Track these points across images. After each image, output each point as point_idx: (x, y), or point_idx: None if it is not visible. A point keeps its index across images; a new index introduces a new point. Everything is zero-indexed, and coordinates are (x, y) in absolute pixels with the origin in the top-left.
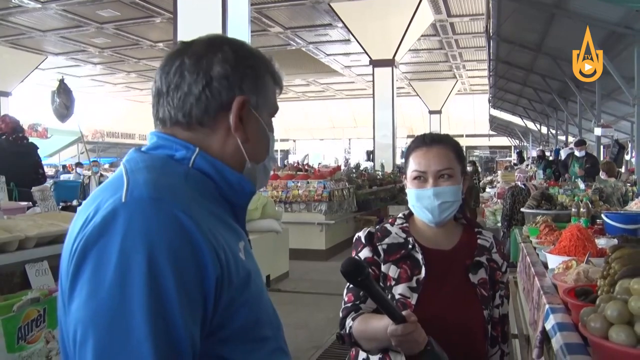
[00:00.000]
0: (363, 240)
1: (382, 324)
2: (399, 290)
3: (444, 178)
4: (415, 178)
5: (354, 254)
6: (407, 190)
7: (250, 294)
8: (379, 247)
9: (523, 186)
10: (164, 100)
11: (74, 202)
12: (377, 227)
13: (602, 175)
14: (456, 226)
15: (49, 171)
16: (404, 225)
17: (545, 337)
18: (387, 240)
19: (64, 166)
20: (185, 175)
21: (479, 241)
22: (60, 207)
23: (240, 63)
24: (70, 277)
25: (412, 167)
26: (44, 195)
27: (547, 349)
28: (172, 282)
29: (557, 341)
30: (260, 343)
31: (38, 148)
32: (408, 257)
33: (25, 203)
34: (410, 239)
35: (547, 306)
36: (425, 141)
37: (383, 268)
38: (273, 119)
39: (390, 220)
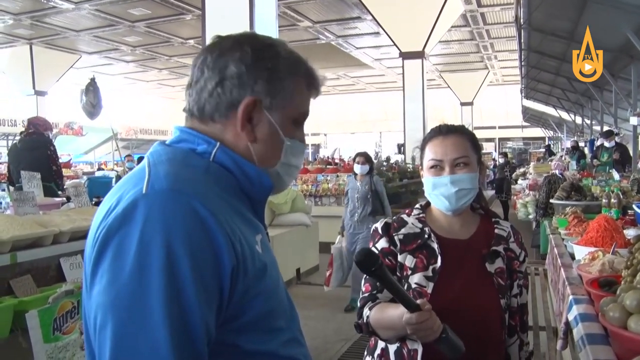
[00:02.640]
0: (380, 231)
1: (398, 312)
2: (415, 279)
3: (460, 166)
4: (432, 167)
5: (371, 245)
6: (423, 180)
7: (265, 285)
8: (395, 238)
9: (560, 175)
10: (187, 93)
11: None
12: (394, 217)
13: None
14: (473, 216)
15: (84, 168)
16: (421, 215)
17: (570, 328)
18: (403, 231)
19: (98, 164)
20: (206, 168)
21: (496, 231)
22: (93, 202)
23: (257, 64)
24: (92, 263)
25: (429, 156)
26: (77, 191)
27: (571, 340)
28: (189, 271)
29: (578, 332)
30: (274, 333)
31: (52, 143)
32: (424, 247)
33: (60, 199)
34: (427, 229)
35: (570, 297)
36: (441, 131)
37: (400, 258)
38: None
39: (407, 211)
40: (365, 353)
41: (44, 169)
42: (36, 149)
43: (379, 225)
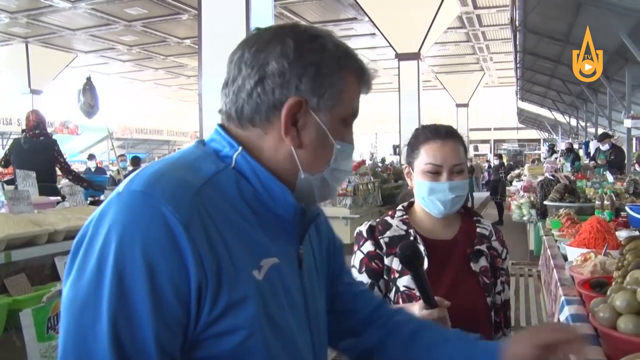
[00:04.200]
0: (365, 234)
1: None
2: (403, 282)
3: (457, 173)
4: (428, 171)
5: (356, 249)
6: (415, 182)
7: (249, 318)
8: (381, 241)
9: (552, 177)
10: (224, 91)
11: (102, 197)
12: (378, 220)
13: (637, 167)
14: (455, 215)
15: (79, 167)
16: (404, 217)
17: None
18: (388, 234)
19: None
20: (215, 174)
21: (478, 229)
22: (88, 201)
23: (301, 59)
24: (69, 259)
25: (426, 159)
26: (72, 190)
27: None
28: (143, 281)
29: None
30: None
31: (57, 144)
32: None
33: (55, 198)
34: (411, 231)
35: (562, 298)
36: (440, 134)
37: (386, 261)
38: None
39: (390, 213)
40: None
41: (50, 170)
42: (43, 152)
43: (363, 228)
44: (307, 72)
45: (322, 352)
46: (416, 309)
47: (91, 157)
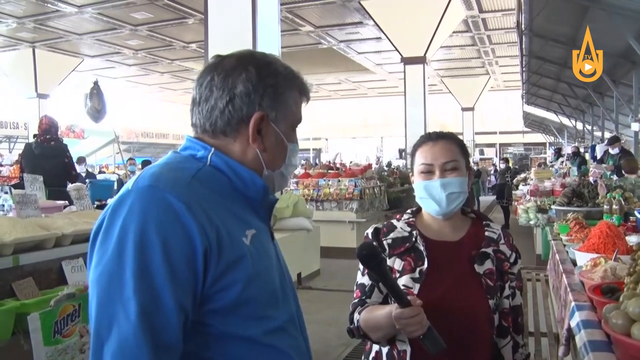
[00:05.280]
0: (370, 236)
1: (385, 312)
2: (402, 281)
3: (450, 170)
4: (422, 172)
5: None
6: (414, 185)
7: (245, 273)
8: (384, 242)
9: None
10: (196, 109)
11: (109, 201)
12: (385, 223)
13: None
14: (464, 220)
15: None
16: (410, 219)
17: (572, 335)
18: (392, 235)
19: (99, 167)
20: (197, 171)
21: (486, 233)
22: (95, 205)
23: (262, 82)
24: (89, 247)
25: (419, 161)
26: (79, 194)
27: (574, 346)
28: (160, 253)
29: (581, 338)
30: (256, 320)
31: (67, 149)
32: (412, 250)
33: (62, 202)
34: (415, 232)
35: (573, 303)
36: (431, 137)
37: (389, 262)
38: (300, 124)
39: (397, 216)
40: (363, 357)
41: (61, 176)
42: (55, 157)
43: (369, 230)
44: (267, 92)
45: (296, 300)
46: (386, 311)
47: (81, 160)
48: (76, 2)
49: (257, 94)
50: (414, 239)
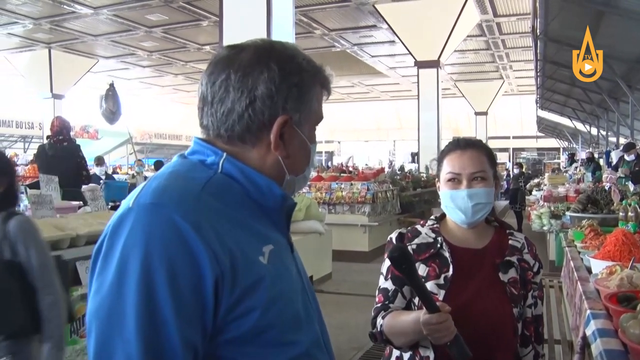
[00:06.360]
0: (394, 241)
1: (411, 317)
2: (427, 287)
3: (477, 180)
4: (449, 180)
5: (385, 256)
6: (440, 192)
7: (264, 298)
8: (409, 247)
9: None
10: (208, 110)
11: (122, 203)
12: (409, 228)
13: None
14: (488, 228)
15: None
16: (435, 226)
17: (587, 343)
18: (416, 241)
19: (113, 167)
20: (207, 180)
21: (510, 242)
22: (109, 206)
23: (285, 81)
24: (89, 271)
25: (447, 169)
26: (94, 195)
27: (589, 354)
28: (165, 284)
29: (596, 347)
30: (278, 347)
31: (80, 149)
32: (437, 256)
33: (77, 203)
34: (440, 238)
35: (588, 311)
36: (460, 145)
37: None
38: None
39: (421, 222)
40: None
41: (75, 176)
42: (68, 158)
43: (393, 235)
44: (291, 92)
45: (320, 317)
46: (412, 317)
47: (101, 161)
48: (92, 3)
49: (280, 96)
50: (438, 245)
